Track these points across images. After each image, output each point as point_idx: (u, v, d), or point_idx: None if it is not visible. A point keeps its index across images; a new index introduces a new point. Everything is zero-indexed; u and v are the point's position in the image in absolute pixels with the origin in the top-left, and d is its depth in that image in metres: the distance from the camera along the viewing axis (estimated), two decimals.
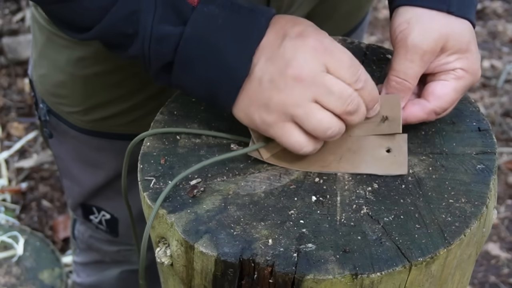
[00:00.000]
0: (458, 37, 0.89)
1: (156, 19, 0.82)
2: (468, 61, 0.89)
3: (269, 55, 0.82)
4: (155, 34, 0.83)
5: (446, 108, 0.90)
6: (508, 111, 2.51)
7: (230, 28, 0.82)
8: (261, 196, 0.85)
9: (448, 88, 0.89)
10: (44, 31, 1.12)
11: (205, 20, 0.82)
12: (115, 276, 1.47)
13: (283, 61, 0.81)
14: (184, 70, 0.84)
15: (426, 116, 0.90)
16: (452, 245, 0.79)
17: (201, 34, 0.82)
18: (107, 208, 1.30)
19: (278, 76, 0.81)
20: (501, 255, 2.11)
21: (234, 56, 0.82)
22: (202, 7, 0.82)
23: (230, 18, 0.82)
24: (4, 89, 2.58)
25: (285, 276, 0.77)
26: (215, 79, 0.84)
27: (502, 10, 2.97)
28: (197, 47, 0.83)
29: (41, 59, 1.16)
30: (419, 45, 0.88)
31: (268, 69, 0.82)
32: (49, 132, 1.24)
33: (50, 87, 1.16)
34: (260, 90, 0.83)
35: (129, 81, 1.12)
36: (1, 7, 2.83)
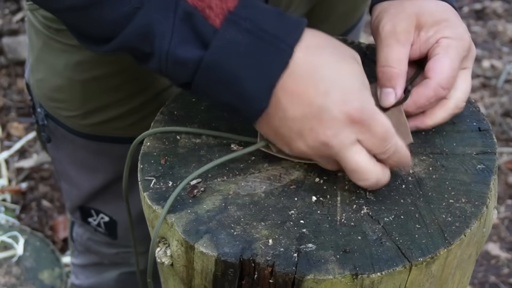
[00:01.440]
0: (430, 11, 0.89)
1: (173, 42, 0.78)
2: (449, 29, 0.89)
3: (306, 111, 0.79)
4: (171, 58, 0.79)
5: (449, 78, 0.88)
6: (508, 111, 2.52)
7: (251, 58, 0.78)
8: (262, 196, 0.85)
9: (441, 59, 0.88)
10: (41, 36, 1.11)
11: (227, 48, 0.78)
12: (114, 278, 1.47)
13: (318, 125, 0.79)
14: (203, 91, 0.82)
15: (433, 92, 0.88)
16: (452, 245, 0.79)
17: (221, 63, 0.78)
18: (105, 210, 1.30)
19: (308, 134, 0.80)
20: (501, 255, 2.11)
21: (253, 89, 0.79)
22: (224, 32, 0.77)
23: (253, 45, 0.78)
24: (4, 89, 2.59)
25: (285, 276, 0.77)
26: (234, 105, 0.81)
27: (502, 10, 2.97)
28: (216, 75, 0.79)
29: (38, 64, 1.15)
30: (390, 28, 0.89)
31: (301, 124, 0.80)
32: (47, 136, 1.23)
33: (47, 92, 1.16)
34: (287, 135, 0.81)
35: (127, 85, 1.11)
36: (1, 7, 2.83)
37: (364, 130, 0.79)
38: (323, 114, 0.78)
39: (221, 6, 0.78)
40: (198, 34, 0.78)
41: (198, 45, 0.78)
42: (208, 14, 0.78)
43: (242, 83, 0.79)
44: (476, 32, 2.87)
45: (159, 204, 0.83)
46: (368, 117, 0.78)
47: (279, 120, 0.81)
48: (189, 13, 0.77)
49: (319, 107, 0.78)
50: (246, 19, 0.78)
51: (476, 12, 2.97)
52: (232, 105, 0.82)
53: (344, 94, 0.78)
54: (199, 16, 0.77)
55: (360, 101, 0.78)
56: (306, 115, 0.79)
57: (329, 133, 0.79)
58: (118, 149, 1.17)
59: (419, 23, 0.89)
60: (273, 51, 0.78)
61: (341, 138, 0.79)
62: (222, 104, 0.83)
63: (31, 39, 1.16)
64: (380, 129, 0.79)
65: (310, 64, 0.79)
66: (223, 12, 0.78)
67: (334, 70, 0.79)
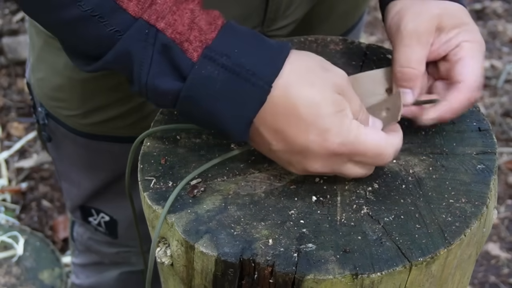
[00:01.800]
0: (450, 14, 0.89)
1: (151, 73, 0.78)
2: (469, 32, 0.89)
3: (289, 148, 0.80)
4: (150, 87, 0.79)
5: (479, 81, 0.88)
6: (508, 111, 2.51)
7: (227, 94, 0.78)
8: (262, 196, 0.85)
9: (469, 62, 0.88)
10: (42, 35, 1.11)
11: (203, 83, 0.78)
12: (114, 278, 1.47)
13: (304, 160, 0.81)
14: (187, 117, 0.83)
15: (467, 95, 0.87)
16: (452, 245, 0.79)
17: (197, 99, 0.79)
18: (106, 210, 1.29)
19: (297, 165, 0.82)
20: (501, 255, 2.11)
21: (231, 124, 0.80)
22: (201, 67, 0.78)
23: (229, 82, 0.78)
24: (4, 89, 2.58)
25: (285, 276, 0.77)
26: (218, 132, 0.83)
27: (502, 10, 2.97)
28: (195, 109, 0.80)
29: (39, 63, 1.15)
30: (412, 28, 0.88)
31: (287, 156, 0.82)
32: (48, 136, 1.23)
33: (48, 91, 1.16)
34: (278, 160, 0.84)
35: (127, 84, 1.11)
36: (1, 7, 2.83)
37: (353, 156, 0.81)
38: (306, 152, 0.80)
39: (200, 39, 0.78)
40: (176, 67, 0.78)
41: (176, 77, 0.79)
42: (186, 48, 0.78)
43: (219, 118, 0.79)
44: None
45: (159, 204, 0.83)
46: (352, 146, 0.79)
47: (267, 151, 0.83)
48: (167, 45, 0.78)
49: (301, 146, 0.79)
50: (223, 55, 0.78)
51: (476, 12, 2.96)
52: (217, 132, 0.84)
53: (323, 133, 0.78)
54: (177, 49, 0.78)
55: (340, 136, 0.78)
56: (291, 150, 0.80)
57: (316, 166, 0.81)
58: (119, 148, 1.17)
59: (440, 25, 0.89)
60: (250, 88, 0.78)
61: (331, 166, 0.81)
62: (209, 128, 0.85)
63: (31, 38, 1.16)
64: (370, 147, 0.80)
65: (288, 102, 0.78)
66: (201, 46, 0.78)
67: (312, 109, 0.78)
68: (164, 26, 0.78)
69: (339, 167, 0.82)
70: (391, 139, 0.82)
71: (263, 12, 1.07)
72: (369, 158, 0.81)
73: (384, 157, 0.81)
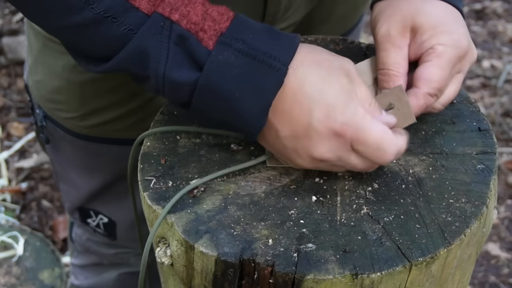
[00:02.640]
0: (424, 13, 0.89)
1: (168, 66, 0.79)
2: (445, 35, 0.88)
3: (294, 131, 0.80)
4: (167, 81, 0.80)
5: (438, 87, 0.87)
6: (508, 111, 2.52)
7: (246, 78, 0.79)
8: (261, 196, 0.85)
9: (431, 67, 0.87)
10: (40, 37, 1.11)
11: (220, 70, 0.78)
12: (113, 279, 1.47)
13: (309, 144, 0.80)
14: (201, 111, 0.83)
15: (423, 101, 0.88)
16: (452, 245, 0.79)
17: (216, 85, 0.79)
18: (104, 211, 1.29)
19: (303, 152, 0.82)
20: (501, 255, 2.11)
21: (250, 109, 0.80)
22: (217, 53, 0.78)
23: (246, 66, 0.79)
24: (4, 89, 2.59)
25: (285, 276, 0.77)
26: (233, 124, 0.83)
27: (502, 10, 2.97)
28: (212, 97, 0.80)
29: (37, 65, 1.15)
30: (385, 32, 0.89)
31: (293, 143, 0.81)
32: (46, 138, 1.23)
33: (46, 93, 1.16)
34: (284, 152, 0.84)
35: (126, 86, 1.11)
36: (1, 7, 2.83)
37: (354, 141, 0.80)
38: (310, 133, 0.80)
39: (214, 28, 0.79)
40: (192, 57, 0.79)
41: (193, 67, 0.79)
42: (202, 37, 0.79)
43: (238, 104, 0.80)
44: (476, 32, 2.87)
45: (159, 204, 0.83)
46: (355, 130, 0.79)
47: (274, 139, 0.83)
48: (183, 36, 0.78)
49: (305, 126, 0.79)
50: (239, 40, 0.79)
51: (476, 12, 2.97)
52: (231, 125, 0.83)
53: (327, 110, 0.79)
54: (192, 39, 0.78)
55: (344, 115, 0.79)
56: (295, 135, 0.80)
57: (321, 149, 0.80)
58: (117, 150, 1.17)
59: (414, 26, 0.88)
60: (267, 70, 0.79)
61: (335, 151, 0.80)
62: (222, 123, 0.84)
63: (29, 40, 1.15)
64: (371, 138, 0.79)
65: (296, 82, 0.79)
66: (216, 34, 0.79)
67: (317, 87, 0.79)
68: (179, 18, 0.78)
69: (342, 154, 0.81)
70: (396, 139, 0.81)
71: (262, 15, 1.07)
72: (370, 150, 0.80)
73: (385, 154, 0.81)
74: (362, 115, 0.79)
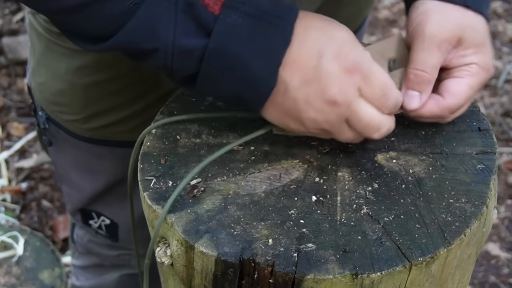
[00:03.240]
0: (474, 29, 0.89)
1: (177, 33, 0.79)
2: (484, 56, 0.89)
3: (304, 76, 0.80)
4: (177, 49, 0.80)
5: (461, 105, 0.89)
6: (508, 111, 2.52)
7: (254, 40, 0.80)
8: (261, 196, 0.85)
9: (463, 85, 0.88)
10: (43, 39, 1.11)
11: (229, 33, 0.79)
12: (115, 280, 1.47)
13: (320, 86, 0.80)
14: (209, 81, 0.83)
15: (440, 112, 0.89)
16: (452, 245, 0.79)
17: (226, 48, 0.80)
18: (106, 213, 1.29)
19: (314, 99, 0.81)
20: (501, 255, 2.11)
21: (260, 70, 0.80)
22: (225, 17, 0.79)
23: (254, 28, 0.80)
24: (4, 89, 2.59)
25: (285, 276, 0.77)
26: (241, 91, 0.82)
27: (502, 10, 2.97)
28: (222, 61, 0.80)
29: (40, 67, 1.15)
30: (436, 34, 0.88)
31: (303, 91, 0.81)
32: (49, 140, 1.23)
33: (49, 95, 1.15)
34: (294, 107, 0.83)
35: (128, 89, 1.11)
36: (1, 7, 2.83)
37: (363, 82, 0.81)
38: (321, 74, 0.80)
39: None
40: (200, 23, 0.79)
41: (201, 33, 0.80)
42: (207, 2, 0.79)
43: (248, 65, 0.80)
44: None
45: (159, 204, 0.83)
46: (365, 68, 0.81)
47: (283, 95, 0.82)
48: (189, 3, 0.79)
49: (316, 68, 0.80)
50: (244, 3, 0.80)
51: None
52: (239, 93, 0.83)
53: (337, 49, 0.80)
54: (199, 5, 0.79)
55: (354, 54, 0.81)
56: (306, 80, 0.81)
57: (332, 90, 0.81)
58: (120, 152, 1.17)
59: (462, 37, 0.88)
60: (275, 29, 0.80)
61: (345, 92, 0.81)
62: (227, 95, 0.84)
63: (32, 42, 1.15)
64: (378, 82, 0.81)
65: (301, 32, 0.81)
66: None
67: (324, 31, 0.82)
68: None
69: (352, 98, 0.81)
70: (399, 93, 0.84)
71: None
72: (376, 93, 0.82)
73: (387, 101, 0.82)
74: (370, 59, 0.82)
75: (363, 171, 0.88)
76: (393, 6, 2.91)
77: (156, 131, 0.93)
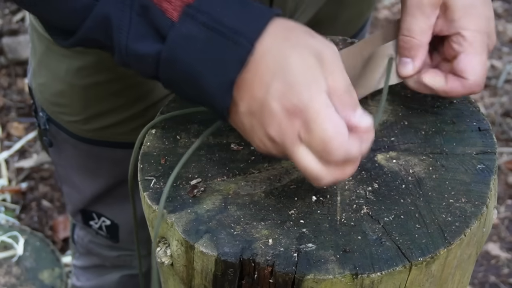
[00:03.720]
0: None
1: (131, 36, 0.76)
2: (474, 20, 0.86)
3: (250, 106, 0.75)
4: (131, 52, 0.77)
5: (483, 77, 0.87)
6: (508, 111, 2.51)
7: (209, 52, 0.74)
8: (261, 196, 0.85)
9: (470, 57, 0.86)
10: (44, 40, 1.11)
11: (183, 42, 0.74)
12: (115, 281, 1.47)
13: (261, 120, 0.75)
14: (171, 87, 0.80)
15: (469, 91, 0.87)
16: (452, 245, 0.79)
17: (179, 57, 0.75)
18: (107, 214, 1.29)
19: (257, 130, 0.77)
20: (501, 255, 2.11)
21: (213, 87, 0.75)
22: (180, 25, 0.74)
23: (210, 40, 0.74)
24: (4, 89, 2.58)
25: (285, 276, 0.77)
26: (202, 102, 0.79)
27: (502, 10, 2.96)
28: (177, 71, 0.76)
29: (41, 68, 1.15)
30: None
31: (249, 119, 0.77)
32: (49, 141, 1.23)
33: (49, 96, 1.15)
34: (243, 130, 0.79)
35: (129, 90, 1.11)
36: (1, 7, 2.83)
37: (303, 130, 0.74)
38: (264, 108, 0.75)
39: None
40: (155, 28, 0.76)
41: (156, 39, 0.76)
42: (166, 8, 0.75)
43: (201, 79, 0.75)
44: None
45: (159, 204, 0.83)
46: (306, 116, 0.73)
47: (235, 115, 0.78)
48: (145, 6, 0.75)
49: (261, 101, 0.75)
50: (204, 13, 0.74)
51: None
52: (201, 103, 0.80)
53: (284, 87, 0.73)
54: (156, 10, 0.75)
55: (300, 97, 0.73)
56: (251, 110, 0.76)
57: (272, 129, 0.75)
58: (121, 153, 1.17)
59: (446, 1, 0.86)
60: (232, 46, 0.74)
61: (285, 134, 0.74)
62: (193, 100, 0.81)
63: (33, 43, 1.15)
64: (320, 134, 0.73)
65: (258, 57, 0.74)
66: (181, 5, 0.75)
67: (280, 62, 0.74)
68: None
69: (291, 142, 0.74)
70: (349, 144, 0.74)
71: None
72: (315, 144, 0.73)
73: (328, 155, 0.73)
74: (322, 103, 0.73)
75: (363, 171, 0.88)
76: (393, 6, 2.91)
77: (156, 131, 0.93)
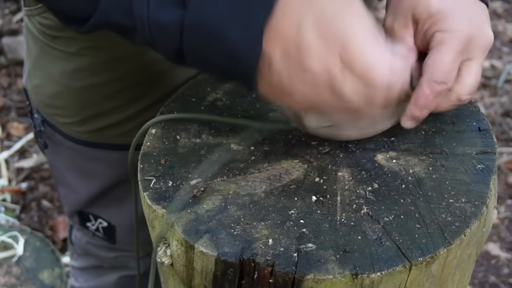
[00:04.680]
0: (424, 4, 0.86)
1: (152, 6, 0.74)
2: (443, 22, 0.85)
3: (285, 48, 0.74)
4: (153, 24, 0.75)
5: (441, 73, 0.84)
6: (508, 111, 2.52)
7: (233, 9, 0.73)
8: (261, 196, 0.85)
9: (432, 55, 0.84)
10: (38, 42, 1.11)
11: (206, 3, 0.73)
12: (113, 281, 1.47)
13: (298, 57, 0.74)
14: (195, 57, 0.78)
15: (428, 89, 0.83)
16: (452, 245, 0.79)
17: (203, 20, 0.73)
18: (104, 216, 1.29)
19: (295, 71, 0.75)
20: (501, 255, 2.11)
21: (242, 44, 0.74)
22: None
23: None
24: (4, 89, 2.59)
25: (285, 276, 0.77)
26: (228, 67, 0.77)
27: (502, 10, 2.97)
28: (202, 35, 0.74)
29: (36, 70, 1.15)
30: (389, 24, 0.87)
31: (285, 63, 0.75)
32: (44, 142, 1.23)
33: (44, 98, 1.15)
34: (280, 81, 0.77)
35: (124, 92, 1.11)
36: (1, 7, 2.83)
37: (343, 51, 0.74)
38: (300, 44, 0.73)
39: None
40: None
41: (177, 5, 0.75)
42: None
43: (228, 39, 0.74)
44: None
45: (159, 204, 0.83)
46: (345, 36, 0.73)
47: (268, 69, 0.76)
48: None
49: (295, 39, 0.73)
50: None
51: None
52: (227, 70, 0.78)
53: (316, 16, 0.73)
54: None
55: (334, 20, 0.73)
56: (287, 53, 0.74)
57: (312, 61, 0.74)
58: (116, 155, 1.16)
59: (414, 17, 0.86)
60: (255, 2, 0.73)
61: (326, 60, 0.74)
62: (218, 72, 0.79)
63: (28, 45, 1.15)
64: (360, 59, 0.73)
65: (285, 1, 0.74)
66: None
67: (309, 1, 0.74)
68: None
69: (332, 67, 0.74)
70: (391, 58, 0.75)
71: None
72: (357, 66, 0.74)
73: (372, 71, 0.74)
74: (357, 23, 0.74)
75: (363, 171, 0.88)
76: None
77: (156, 131, 0.93)
